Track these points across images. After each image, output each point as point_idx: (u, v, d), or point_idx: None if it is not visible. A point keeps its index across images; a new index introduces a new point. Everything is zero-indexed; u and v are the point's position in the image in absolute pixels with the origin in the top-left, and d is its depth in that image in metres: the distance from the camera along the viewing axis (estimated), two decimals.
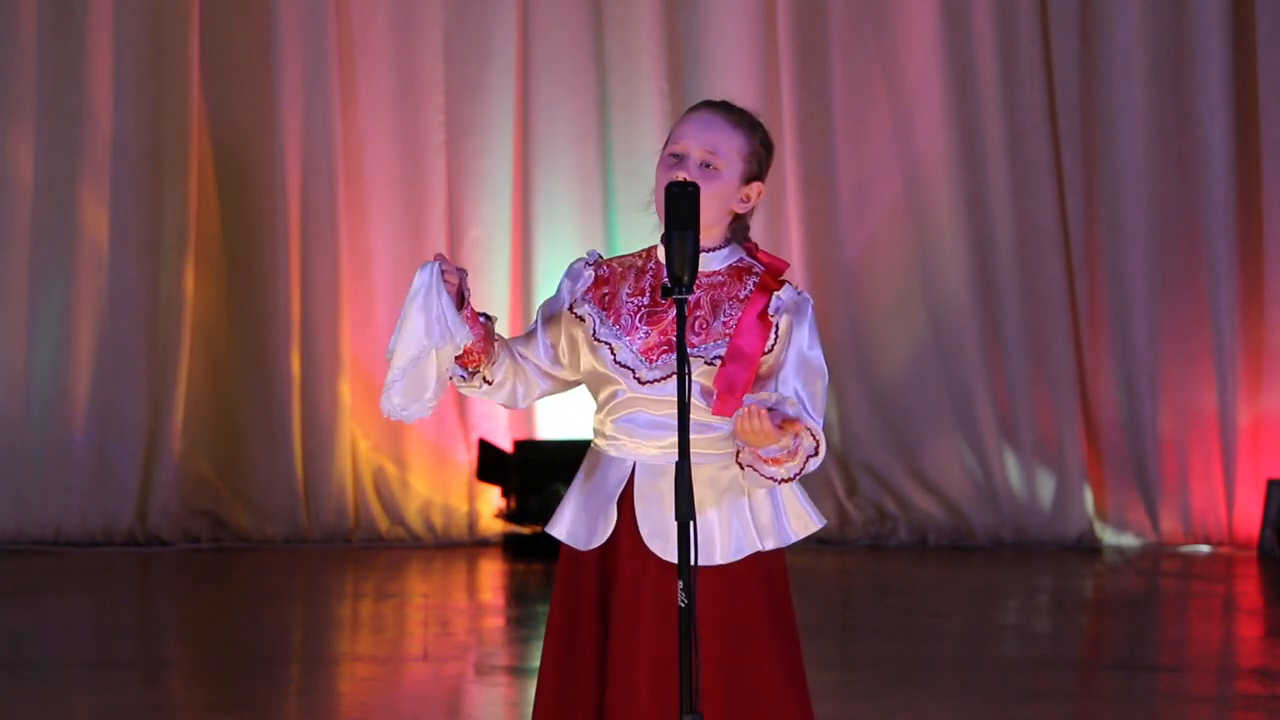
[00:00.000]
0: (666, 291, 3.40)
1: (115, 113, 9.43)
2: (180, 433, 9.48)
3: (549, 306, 3.73)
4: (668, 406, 3.54)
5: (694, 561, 3.31)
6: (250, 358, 9.59)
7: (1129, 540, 9.71)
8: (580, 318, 3.66)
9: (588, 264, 3.71)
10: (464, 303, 3.55)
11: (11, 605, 8.19)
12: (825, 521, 3.69)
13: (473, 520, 9.68)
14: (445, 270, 3.52)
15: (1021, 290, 9.68)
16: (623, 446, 3.64)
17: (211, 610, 8.27)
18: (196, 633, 7.86)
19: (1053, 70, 9.66)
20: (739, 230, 3.70)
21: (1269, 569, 9.17)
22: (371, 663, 7.08)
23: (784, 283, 3.63)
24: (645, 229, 3.77)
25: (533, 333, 3.73)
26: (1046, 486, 9.69)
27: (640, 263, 3.70)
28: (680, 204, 3.41)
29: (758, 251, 3.69)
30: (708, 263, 3.63)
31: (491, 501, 9.63)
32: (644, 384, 3.59)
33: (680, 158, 3.62)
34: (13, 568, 8.95)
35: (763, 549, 3.60)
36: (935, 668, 7.03)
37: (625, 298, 3.66)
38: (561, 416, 9.54)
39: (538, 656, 3.78)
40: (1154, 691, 6.68)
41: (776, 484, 3.52)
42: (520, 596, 8.64)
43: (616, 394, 3.63)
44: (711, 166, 3.61)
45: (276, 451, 9.51)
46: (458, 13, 9.67)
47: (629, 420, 3.62)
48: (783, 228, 9.67)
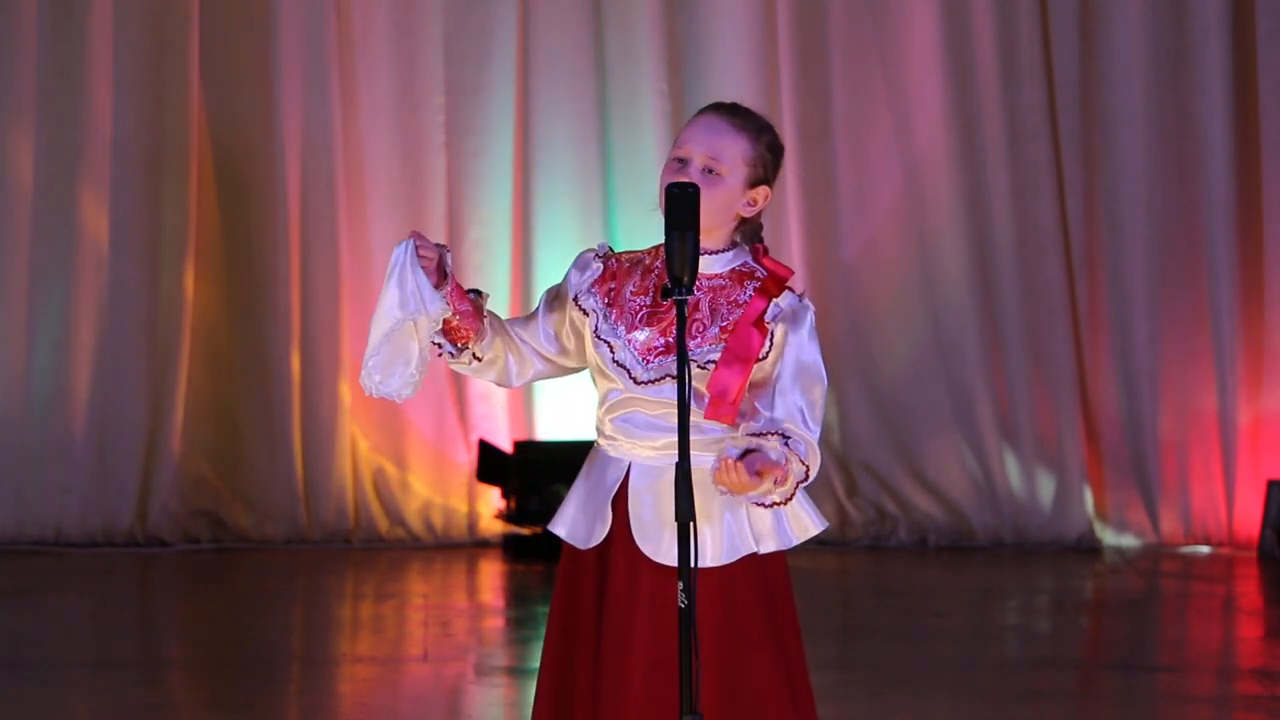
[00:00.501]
0: (666, 292, 3.40)
1: (115, 113, 9.43)
2: (180, 433, 9.48)
3: (553, 291, 3.73)
4: (663, 407, 3.55)
5: (694, 562, 3.31)
6: (250, 358, 9.59)
7: (1129, 541, 9.71)
8: (585, 312, 3.66)
9: (597, 256, 3.71)
10: (446, 277, 3.54)
11: (11, 605, 8.19)
12: (827, 524, 3.68)
13: (473, 521, 9.67)
14: (421, 245, 3.53)
15: (1021, 290, 9.68)
16: (620, 446, 3.64)
17: (211, 610, 8.27)
18: (196, 633, 7.86)
19: (1053, 70, 9.66)
20: (749, 233, 3.70)
21: (1269, 569, 9.16)
22: (371, 663, 7.08)
23: (786, 290, 3.62)
24: (646, 229, 3.78)
25: (533, 316, 3.73)
26: (1046, 487, 9.69)
27: (648, 260, 3.70)
28: (680, 205, 3.41)
29: (764, 257, 3.68)
30: (710, 265, 3.62)
31: (491, 502, 9.63)
32: (639, 384, 3.59)
33: (684, 162, 3.62)
34: (13, 568, 8.94)
35: (758, 551, 3.59)
36: (935, 668, 7.03)
37: (629, 296, 3.65)
38: (561, 417, 9.54)
39: (537, 657, 3.77)
40: (1154, 691, 6.68)
41: (765, 507, 3.53)
42: (520, 597, 8.64)
43: (614, 392, 3.63)
44: (714, 172, 3.61)
45: (276, 451, 9.51)
46: (458, 13, 9.67)
47: (626, 420, 3.62)
48: (783, 228, 9.67)
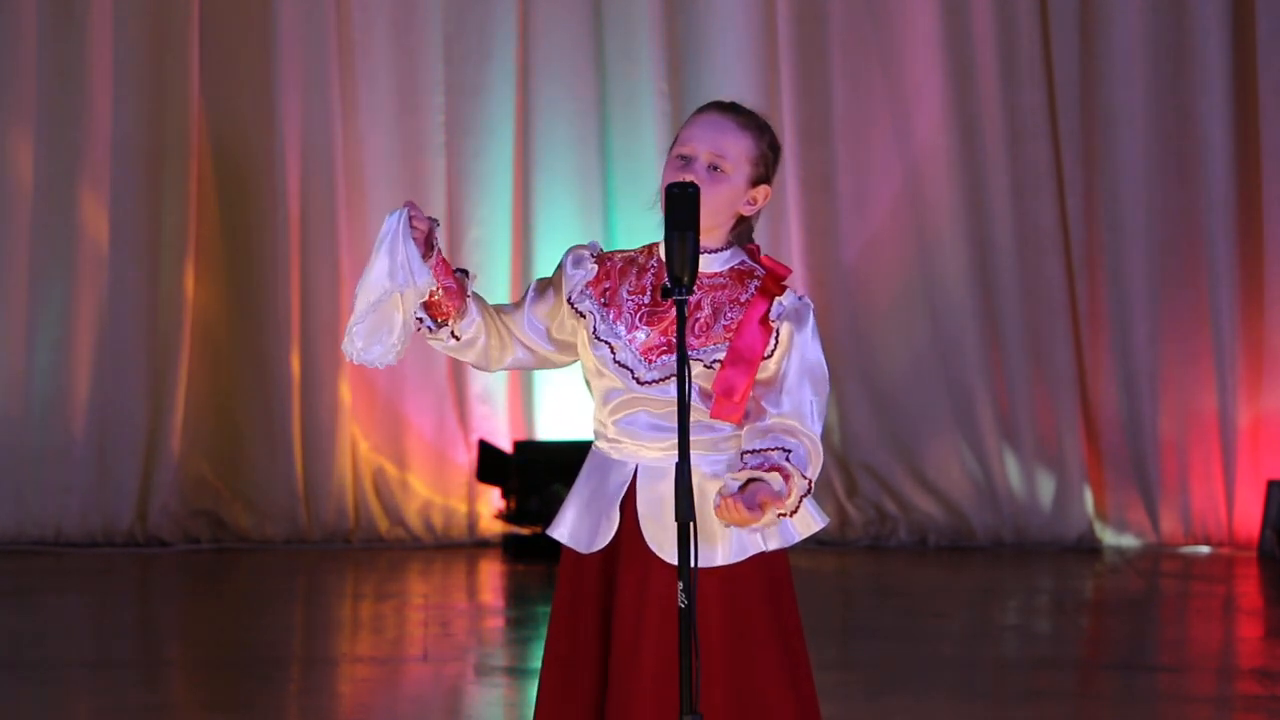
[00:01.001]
0: (666, 292, 3.39)
1: (115, 113, 9.43)
2: (180, 433, 9.48)
3: (544, 283, 3.71)
4: (668, 407, 3.53)
5: (694, 562, 3.31)
6: (250, 358, 9.59)
7: (1129, 541, 9.71)
8: (581, 314, 3.65)
9: (590, 256, 3.69)
10: (433, 250, 3.54)
11: (11, 605, 8.19)
12: (829, 520, 3.68)
13: (473, 521, 9.67)
14: (414, 216, 3.53)
15: (1021, 290, 9.68)
16: (624, 449, 3.62)
17: (211, 610, 8.27)
18: (196, 633, 7.85)
19: (1053, 70, 9.66)
20: (742, 233, 3.69)
21: (1269, 569, 9.16)
22: (371, 663, 7.08)
23: (785, 288, 3.62)
24: (646, 229, 3.76)
25: (520, 304, 3.70)
26: (1046, 487, 9.69)
27: (642, 260, 3.69)
28: (680, 205, 3.40)
29: (761, 256, 3.68)
30: (709, 264, 3.62)
31: (491, 502, 9.63)
32: (642, 384, 3.58)
33: (688, 160, 3.61)
34: (13, 568, 8.94)
35: (765, 549, 3.59)
36: (935, 668, 7.03)
37: (626, 296, 3.64)
38: (561, 417, 9.54)
39: (537, 658, 3.77)
40: (1154, 691, 6.68)
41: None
42: (520, 597, 8.64)
43: (615, 394, 3.61)
44: (719, 169, 3.60)
45: (276, 451, 9.51)
46: (458, 14, 9.67)
47: (629, 422, 3.60)
48: (783, 228, 9.67)
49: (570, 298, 3.66)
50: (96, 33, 9.38)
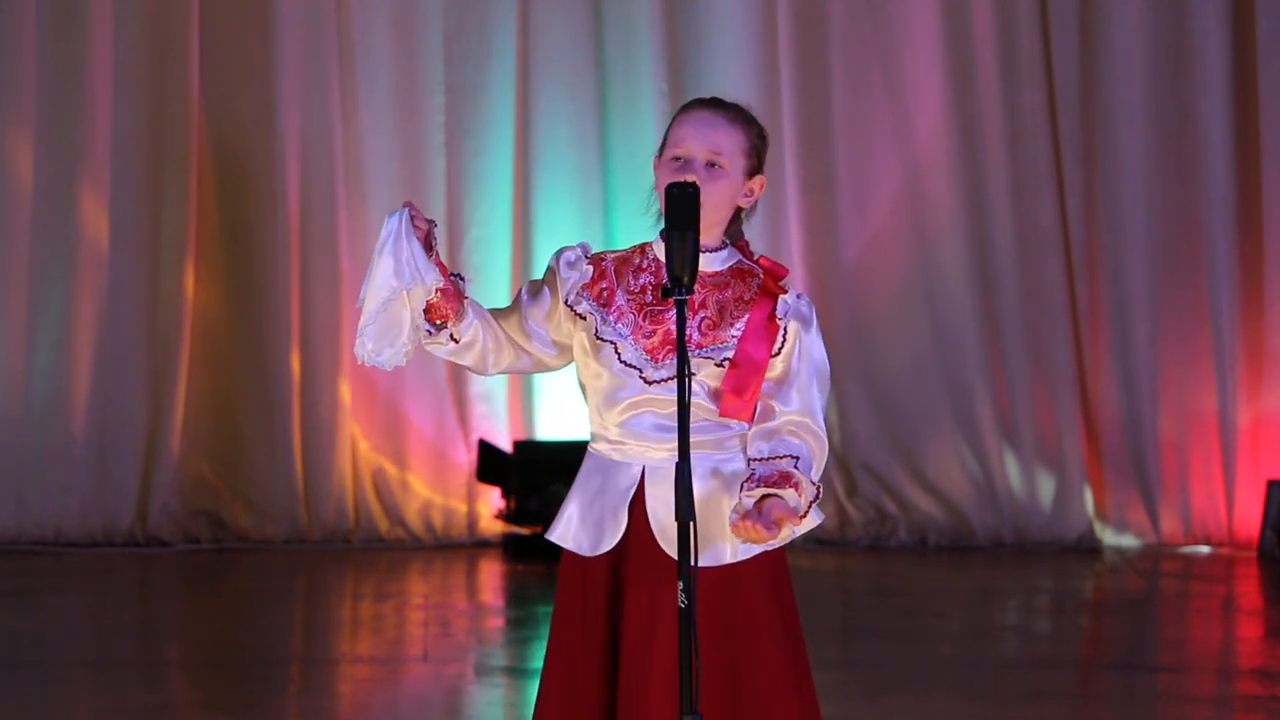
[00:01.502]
0: (667, 292, 3.39)
1: (115, 113, 9.43)
2: (180, 433, 9.48)
3: (535, 286, 3.70)
4: (675, 406, 3.52)
5: (694, 561, 3.30)
6: (250, 358, 9.59)
7: (1129, 541, 9.71)
8: (581, 316, 3.64)
9: (583, 257, 3.68)
10: (431, 251, 3.54)
11: (11, 605, 8.19)
12: (824, 516, 3.68)
13: (472, 521, 9.68)
14: (414, 216, 3.53)
15: (1021, 290, 9.69)
16: (630, 450, 3.61)
17: (211, 610, 8.27)
18: (196, 633, 7.85)
19: (1053, 70, 9.66)
20: (735, 231, 3.69)
21: (1269, 569, 9.16)
22: (371, 663, 7.08)
23: (785, 288, 3.63)
24: (646, 229, 3.76)
25: (514, 308, 3.69)
26: (1046, 487, 9.69)
27: (636, 259, 3.68)
28: (680, 205, 3.40)
29: (760, 257, 3.68)
30: (709, 263, 3.61)
31: (491, 502, 9.63)
32: (651, 384, 3.57)
33: (684, 160, 3.60)
34: (13, 568, 8.94)
35: (769, 547, 3.59)
36: (935, 668, 7.03)
37: (625, 296, 3.64)
38: (561, 417, 9.54)
39: (538, 657, 3.77)
40: (1154, 691, 6.67)
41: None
42: (520, 597, 8.64)
43: (620, 395, 3.60)
44: (717, 166, 3.60)
45: (276, 451, 9.51)
46: (458, 14, 9.67)
47: (634, 423, 3.59)
48: (783, 228, 9.67)
49: (567, 300, 3.64)
50: (96, 33, 9.39)
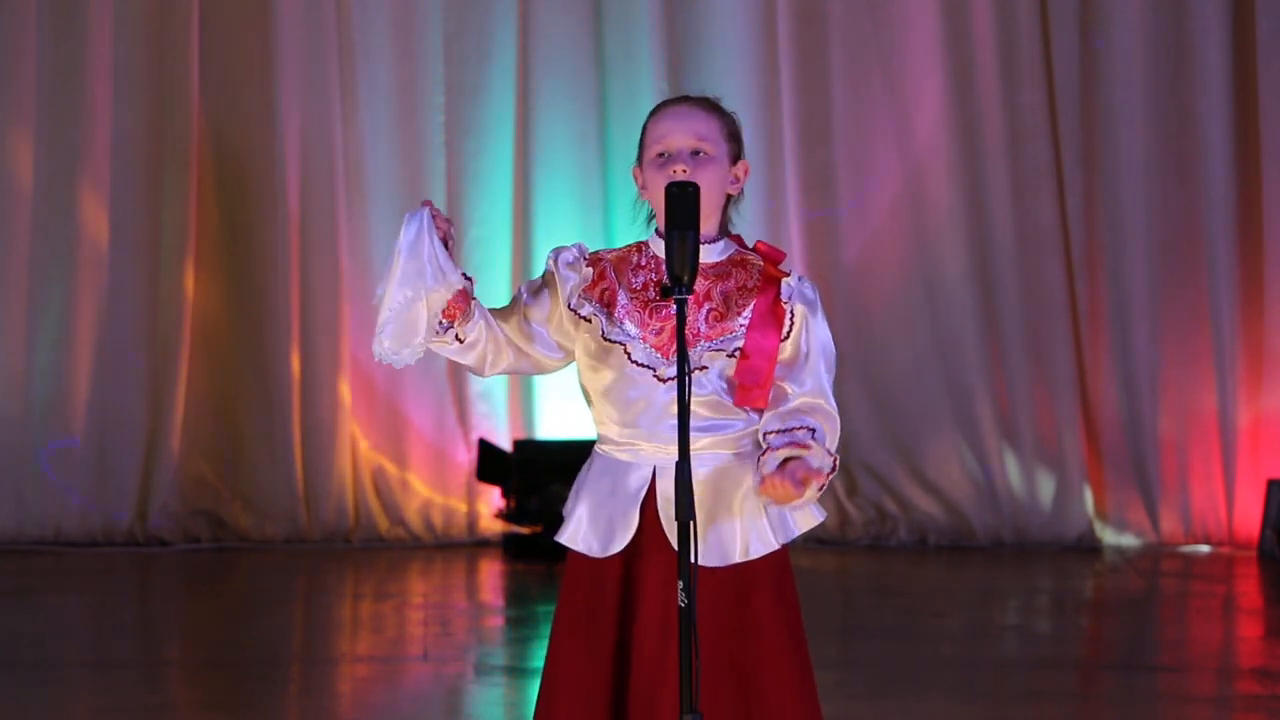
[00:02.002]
0: (667, 291, 3.39)
1: (115, 113, 9.43)
2: (180, 433, 9.48)
3: (534, 286, 3.69)
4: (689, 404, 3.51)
5: (695, 559, 3.30)
6: (250, 358, 9.60)
7: (1129, 540, 9.71)
8: (585, 318, 3.63)
9: (582, 259, 3.68)
10: (449, 250, 3.54)
11: (11, 605, 8.19)
12: (826, 515, 3.68)
13: (472, 520, 9.68)
14: (436, 215, 3.52)
15: (1021, 290, 9.69)
16: (641, 451, 3.60)
17: (211, 610, 8.27)
18: (196, 633, 7.85)
19: (1053, 70, 9.67)
20: (725, 223, 3.70)
21: (1269, 569, 9.16)
22: (371, 663, 7.08)
23: (786, 272, 3.64)
24: (645, 229, 3.76)
25: (512, 309, 3.69)
26: (1046, 486, 9.69)
27: (635, 258, 3.67)
28: (681, 204, 3.40)
29: (757, 242, 3.69)
30: (708, 255, 3.61)
31: (491, 501, 9.63)
32: (664, 381, 3.57)
33: (669, 155, 3.60)
34: (13, 568, 8.94)
35: (775, 545, 3.59)
36: (935, 668, 7.03)
37: (629, 295, 3.63)
38: (561, 417, 9.55)
39: (537, 657, 3.76)
40: (1154, 691, 6.67)
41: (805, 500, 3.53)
42: (520, 597, 8.64)
43: (631, 395, 3.59)
44: (703, 153, 3.60)
45: (276, 451, 9.51)
46: (458, 14, 9.68)
47: (644, 422, 3.58)
48: (783, 228, 9.67)
49: (569, 303, 3.63)
50: (96, 33, 9.39)
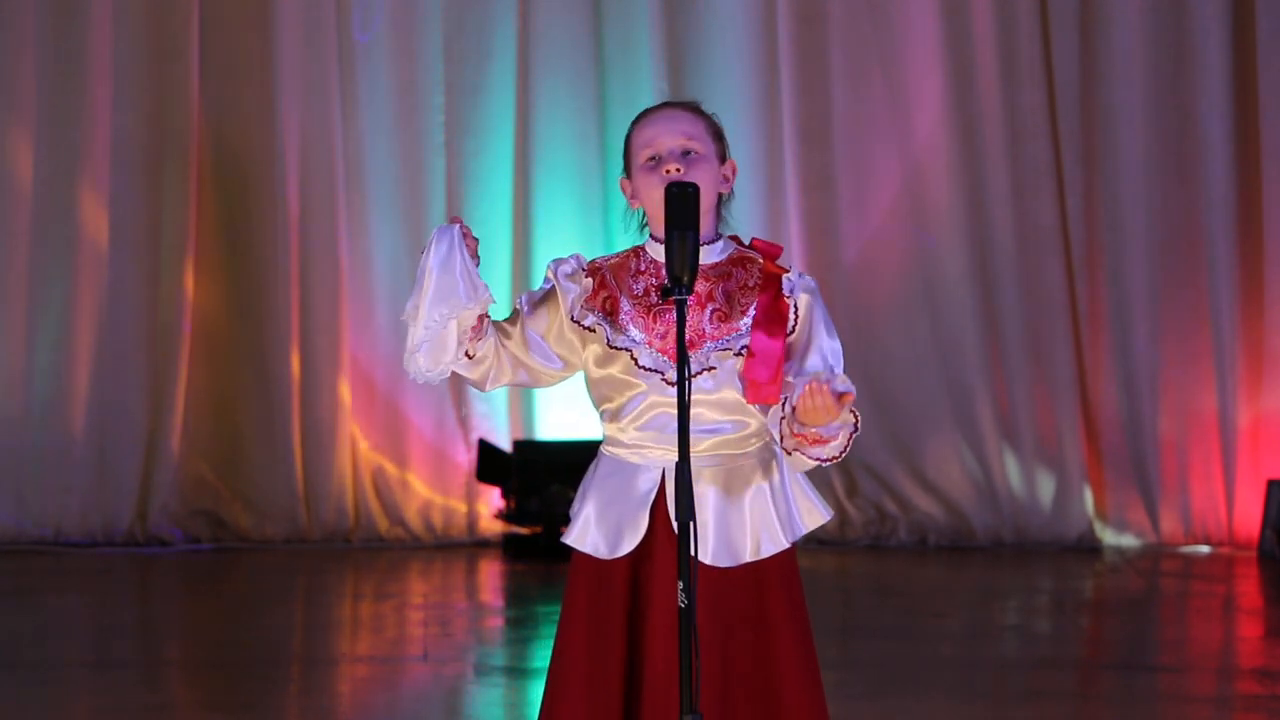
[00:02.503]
0: (667, 292, 3.39)
1: (115, 113, 9.43)
2: (180, 433, 9.49)
3: (535, 298, 3.69)
4: (698, 406, 3.51)
5: (695, 560, 3.30)
6: (250, 358, 9.60)
7: (1129, 540, 9.71)
8: (590, 329, 3.62)
9: (581, 269, 3.67)
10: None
11: (11, 605, 8.19)
12: (832, 513, 3.68)
13: (472, 521, 9.68)
14: (466, 233, 3.52)
15: (1021, 290, 9.69)
16: (649, 453, 3.59)
17: (211, 610, 8.27)
18: (196, 633, 7.85)
19: (1053, 71, 9.67)
20: (720, 224, 3.71)
21: (1269, 569, 9.16)
22: (371, 663, 7.08)
23: (784, 267, 3.64)
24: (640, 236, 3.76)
25: (514, 323, 3.69)
26: (1046, 486, 9.69)
27: (633, 263, 3.67)
28: (680, 205, 3.40)
29: (753, 239, 3.69)
30: (707, 255, 3.62)
31: (491, 502, 9.63)
32: (672, 385, 3.56)
33: (660, 158, 3.61)
34: (13, 568, 8.94)
35: (785, 544, 3.59)
36: (935, 668, 7.03)
37: (631, 300, 3.63)
38: (561, 417, 9.54)
39: (538, 657, 3.76)
40: (1154, 691, 6.67)
41: (823, 463, 3.50)
42: (520, 597, 8.64)
43: (637, 399, 3.59)
44: (693, 152, 3.62)
45: (276, 451, 9.51)
46: (458, 14, 9.68)
47: (653, 425, 3.58)
48: (783, 228, 9.67)
49: (572, 314, 3.63)
50: (96, 33, 9.39)
